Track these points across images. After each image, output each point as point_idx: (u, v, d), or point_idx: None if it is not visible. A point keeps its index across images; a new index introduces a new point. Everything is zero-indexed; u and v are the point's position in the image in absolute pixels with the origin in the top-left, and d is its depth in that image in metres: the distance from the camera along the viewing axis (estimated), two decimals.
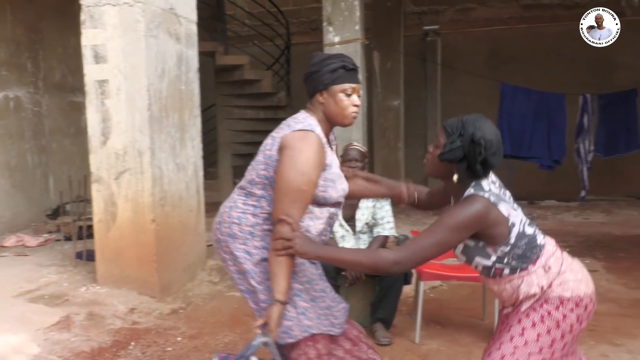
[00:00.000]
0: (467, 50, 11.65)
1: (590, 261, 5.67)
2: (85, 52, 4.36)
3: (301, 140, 2.06)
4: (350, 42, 7.14)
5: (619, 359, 3.39)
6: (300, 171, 2.03)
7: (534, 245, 1.97)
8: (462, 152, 1.91)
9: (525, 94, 9.07)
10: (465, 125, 1.93)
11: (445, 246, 1.90)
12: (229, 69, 9.38)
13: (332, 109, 2.15)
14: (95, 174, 4.44)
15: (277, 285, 1.99)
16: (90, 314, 3.96)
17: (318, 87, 2.14)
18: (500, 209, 1.90)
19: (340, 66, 2.13)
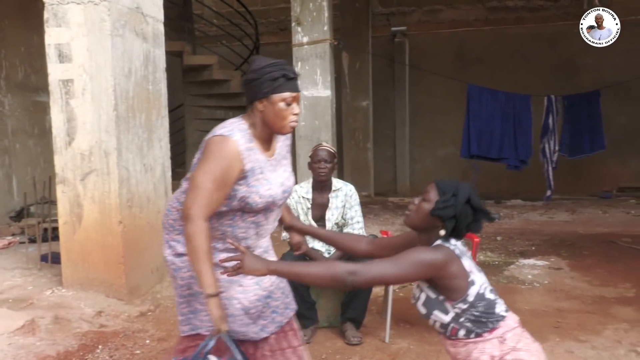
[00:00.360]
0: (434, 52, 11.79)
1: (555, 259, 5.80)
2: (49, 51, 4.28)
3: (215, 144, 2.11)
4: (319, 43, 7.16)
5: (584, 355, 3.46)
6: (204, 170, 2.07)
7: (492, 312, 1.99)
8: (454, 212, 1.97)
9: (491, 95, 9.23)
10: (460, 187, 2.01)
11: (402, 277, 1.98)
12: (197, 68, 9.31)
13: (271, 117, 2.14)
14: (60, 175, 4.36)
15: (203, 282, 2.03)
16: (56, 317, 3.88)
17: (257, 95, 2.13)
18: (462, 262, 1.98)
19: (281, 75, 2.11)
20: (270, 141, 2.27)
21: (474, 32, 11.61)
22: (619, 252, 6.09)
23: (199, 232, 2.03)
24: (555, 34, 11.13)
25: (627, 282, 4.92)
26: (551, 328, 3.90)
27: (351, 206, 3.93)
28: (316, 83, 7.19)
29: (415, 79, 11.83)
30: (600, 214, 8.76)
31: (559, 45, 11.11)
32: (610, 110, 9.87)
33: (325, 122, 7.27)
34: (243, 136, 2.14)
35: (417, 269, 1.94)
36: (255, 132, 2.19)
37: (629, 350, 3.51)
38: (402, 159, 12.18)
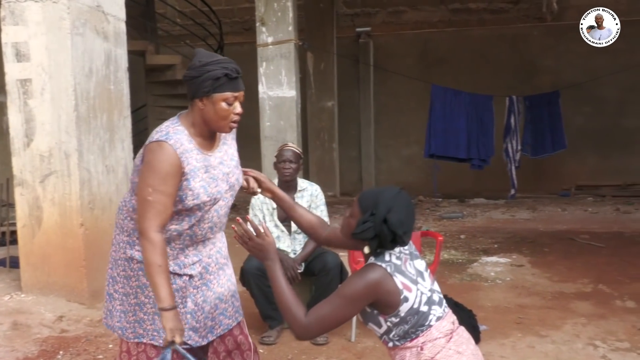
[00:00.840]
0: (399, 52, 11.91)
1: (517, 256, 5.91)
2: (5, 49, 4.18)
3: (152, 152, 2.07)
4: (284, 43, 7.16)
5: (544, 350, 3.53)
6: (147, 183, 2.04)
7: (421, 323, 1.96)
8: (373, 232, 1.93)
9: (454, 95, 9.36)
10: (379, 204, 1.93)
11: (344, 317, 1.96)
12: (160, 68, 9.22)
13: (212, 116, 2.08)
14: (18, 177, 4.26)
15: (158, 296, 2.02)
16: (14, 323, 3.79)
17: (198, 94, 2.06)
18: (395, 280, 1.93)
19: (223, 74, 2.04)
20: (212, 137, 2.21)
21: (437, 33, 11.76)
22: (578, 249, 6.25)
23: (153, 246, 2.02)
24: (516, 35, 11.37)
25: (585, 278, 5.05)
26: (513, 324, 3.98)
27: (317, 206, 3.93)
28: (281, 83, 7.18)
29: (380, 79, 11.92)
30: (560, 212, 8.97)
31: (520, 47, 11.36)
32: (569, 110, 10.13)
33: (290, 122, 7.27)
34: (179, 138, 2.09)
35: (352, 305, 1.93)
36: (195, 130, 2.13)
37: (586, 344, 3.60)
38: (367, 158, 12.26)
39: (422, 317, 1.96)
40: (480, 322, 3.79)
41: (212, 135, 2.21)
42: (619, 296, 4.53)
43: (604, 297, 4.54)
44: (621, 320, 4.00)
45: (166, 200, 2.04)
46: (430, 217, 8.71)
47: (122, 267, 2.25)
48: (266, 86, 7.24)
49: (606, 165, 11.08)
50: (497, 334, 3.77)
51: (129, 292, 2.23)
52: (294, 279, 3.71)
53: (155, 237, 2.02)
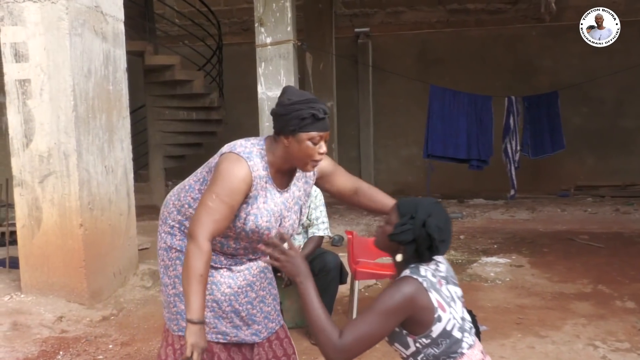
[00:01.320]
0: (397, 53, 11.91)
1: (516, 257, 5.91)
2: (4, 50, 4.18)
3: (229, 162, 2.08)
4: (283, 44, 7.16)
5: (544, 350, 3.54)
6: (213, 190, 2.04)
7: (453, 351, 1.88)
8: (411, 236, 1.89)
9: (453, 95, 9.34)
10: (419, 209, 1.91)
11: (380, 335, 1.86)
12: (159, 69, 9.20)
13: (296, 154, 2.08)
14: (17, 177, 4.25)
15: (188, 305, 1.97)
16: (14, 324, 3.79)
17: (284, 131, 2.07)
18: (430, 295, 1.85)
19: (310, 114, 2.03)
20: (287, 175, 2.22)
21: (436, 33, 11.77)
22: (577, 249, 6.25)
23: (199, 252, 1.98)
24: (514, 36, 11.37)
25: (585, 278, 5.05)
26: (513, 324, 3.98)
27: (316, 207, 3.93)
28: (280, 84, 7.17)
29: (379, 79, 11.92)
30: (559, 212, 8.98)
31: (518, 47, 11.36)
32: (567, 111, 10.13)
33: None
34: (258, 162, 2.11)
35: (391, 319, 1.83)
36: (274, 161, 2.14)
37: (586, 344, 3.60)
38: (366, 159, 12.26)
39: (455, 343, 1.88)
40: (480, 323, 3.79)
41: (289, 173, 2.22)
42: (618, 296, 4.53)
43: (603, 297, 4.54)
44: (621, 320, 4.00)
45: (226, 212, 2.04)
46: None
47: (162, 257, 2.28)
48: (265, 87, 7.23)
49: (605, 165, 11.09)
50: (497, 334, 3.77)
51: (168, 283, 2.25)
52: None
53: (204, 244, 2.00)
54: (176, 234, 2.24)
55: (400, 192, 11.59)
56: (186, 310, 1.97)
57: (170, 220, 2.26)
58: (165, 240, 2.27)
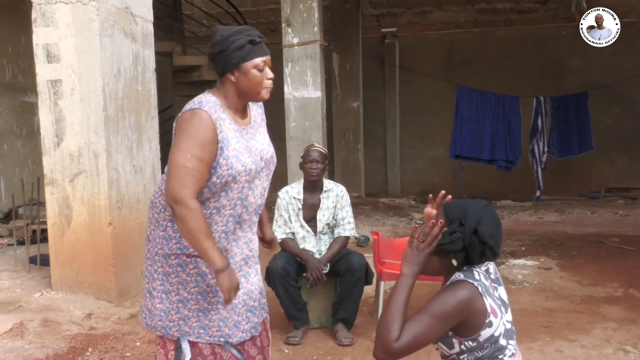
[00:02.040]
0: (424, 53, 11.82)
1: (545, 259, 5.82)
2: (36, 51, 4.25)
3: (186, 120, 2.05)
4: (309, 44, 7.16)
5: (573, 354, 3.48)
6: (183, 149, 2.00)
7: (495, 356, 1.85)
8: (462, 244, 1.83)
9: (481, 96, 9.25)
10: (468, 215, 1.84)
11: (433, 337, 1.81)
12: (186, 69, 9.28)
13: (246, 86, 2.09)
14: (48, 176, 4.33)
15: (210, 259, 1.98)
16: (45, 320, 3.85)
17: (228, 67, 2.06)
18: (485, 301, 1.82)
19: (247, 41, 2.04)
20: (244, 111, 2.21)
21: (463, 33, 11.65)
22: (607, 252, 6.13)
23: (192, 212, 1.96)
24: (543, 36, 11.20)
25: (615, 282, 4.95)
26: (541, 328, 3.92)
27: (342, 207, 3.92)
28: (307, 84, 7.18)
29: (405, 80, 11.85)
30: (589, 214, 8.83)
31: (547, 47, 11.19)
32: (597, 111, 9.95)
33: (315, 123, 7.26)
34: (213, 107, 2.08)
35: (446, 322, 1.79)
36: (228, 103, 2.13)
37: (617, 349, 3.53)
38: (392, 159, 12.19)
39: (499, 349, 1.85)
40: None
41: (244, 109, 2.21)
42: None
43: (635, 301, 4.45)
44: None
45: (203, 168, 2.01)
46: None
47: (160, 264, 2.20)
48: (292, 87, 7.24)
49: (637, 167, 10.84)
50: (524, 337, 3.72)
51: (170, 289, 2.18)
52: (319, 279, 3.70)
53: (194, 203, 1.98)
54: (171, 237, 2.16)
55: (426, 193, 11.44)
56: (212, 264, 1.99)
57: (162, 220, 2.18)
58: (161, 246, 2.18)
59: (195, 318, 2.16)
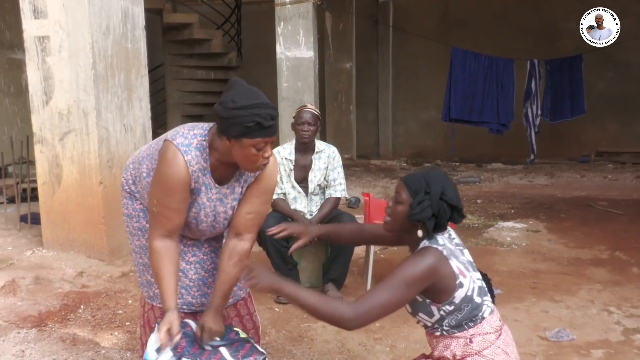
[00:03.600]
0: (419, 14, 11.66)
1: (533, 222, 5.89)
2: (23, 6, 4.16)
3: (164, 162, 2.00)
4: (302, 3, 7.05)
5: (558, 314, 3.55)
6: (153, 194, 2.05)
7: (474, 315, 1.91)
8: (431, 211, 1.87)
9: (474, 58, 9.17)
10: (430, 183, 1.89)
11: (400, 302, 1.86)
12: (177, 27, 9.14)
13: (239, 157, 1.97)
14: (38, 134, 4.29)
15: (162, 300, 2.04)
16: (37, 277, 3.87)
17: (226, 133, 1.93)
18: (451, 263, 1.87)
19: (256, 122, 1.88)
20: (231, 170, 2.10)
21: None
22: (595, 215, 6.20)
23: (154, 254, 2.04)
24: None
25: (602, 245, 5.03)
26: (528, 289, 3.99)
27: (334, 168, 3.93)
28: (299, 44, 7.09)
29: (399, 41, 11.72)
30: (578, 178, 8.90)
31: (542, 10, 11.05)
32: (591, 75, 9.90)
33: (308, 83, 7.20)
34: (198, 155, 2.01)
35: (409, 289, 1.84)
36: (217, 155, 2.03)
37: (601, 309, 3.60)
38: (384, 121, 12.15)
39: (476, 307, 1.91)
40: (495, 286, 3.81)
41: (232, 167, 2.09)
42: (635, 263, 4.51)
43: (620, 264, 4.52)
44: (637, 287, 3.99)
45: (170, 214, 2.03)
46: None
47: (127, 224, 2.28)
48: (284, 46, 7.15)
49: (628, 131, 10.87)
50: (511, 298, 3.79)
51: (137, 251, 2.26)
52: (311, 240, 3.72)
53: (156, 244, 2.04)
54: (135, 200, 2.22)
55: (419, 155, 11.54)
56: (162, 303, 2.04)
57: (127, 186, 2.24)
58: (127, 206, 2.25)
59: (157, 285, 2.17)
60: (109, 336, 3.20)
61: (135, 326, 3.31)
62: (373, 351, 3.06)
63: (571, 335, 3.21)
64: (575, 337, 3.20)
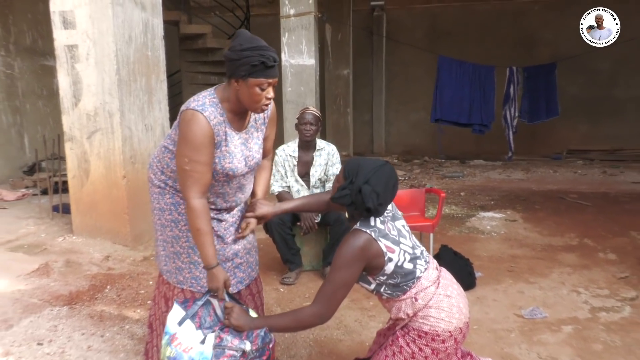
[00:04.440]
0: (409, 25, 11.64)
1: (511, 212, 5.89)
2: (53, 17, 4.16)
3: (186, 123, 1.99)
4: (305, 15, 7.02)
5: (533, 294, 3.56)
6: (180, 153, 2.00)
7: (410, 278, 1.95)
8: (350, 199, 1.90)
9: (459, 65, 9.16)
10: (359, 174, 1.90)
11: (348, 284, 1.91)
12: (192, 37, 9.11)
13: (245, 97, 2.00)
14: (68, 133, 4.30)
15: (203, 256, 2.02)
16: (67, 261, 3.89)
17: (234, 74, 1.97)
18: (380, 244, 1.90)
19: (260, 61, 1.93)
20: (243, 114, 2.12)
21: (445, 7, 11.44)
22: (566, 207, 6.21)
23: (193, 213, 1.99)
24: (517, 11, 11.03)
25: (572, 233, 5.04)
26: (506, 272, 4.00)
27: (333, 164, 3.94)
28: (302, 52, 7.07)
29: (392, 50, 11.70)
30: (551, 173, 8.89)
31: (520, 21, 11.03)
32: (564, 81, 9.89)
33: (309, 88, 7.19)
34: (214, 111, 2.02)
35: (350, 271, 1.89)
36: (228, 105, 2.05)
37: (570, 290, 3.62)
38: (378, 122, 12.15)
39: (409, 273, 1.95)
40: (476, 270, 3.83)
41: (244, 114, 2.13)
42: (602, 249, 4.52)
43: (588, 250, 4.54)
44: (603, 270, 4.01)
45: (202, 169, 1.99)
46: (434, 176, 8.68)
47: (158, 217, 2.24)
48: (288, 55, 7.14)
49: (596, 131, 10.87)
50: (491, 280, 3.80)
51: (167, 240, 2.22)
52: (311, 228, 3.74)
53: (195, 203, 1.99)
54: (165, 193, 2.19)
55: (409, 152, 11.53)
56: (204, 261, 2.03)
57: (157, 180, 2.21)
58: (158, 200, 2.22)
59: (187, 270, 2.19)
60: (132, 313, 3.22)
61: None
62: (367, 327, 3.08)
63: (544, 313, 3.23)
64: (548, 314, 3.22)
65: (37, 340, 2.80)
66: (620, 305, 3.36)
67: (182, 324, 1.96)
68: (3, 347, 2.71)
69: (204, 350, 1.88)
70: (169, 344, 1.92)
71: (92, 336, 2.88)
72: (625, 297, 3.48)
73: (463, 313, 1.98)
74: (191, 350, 1.88)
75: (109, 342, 2.83)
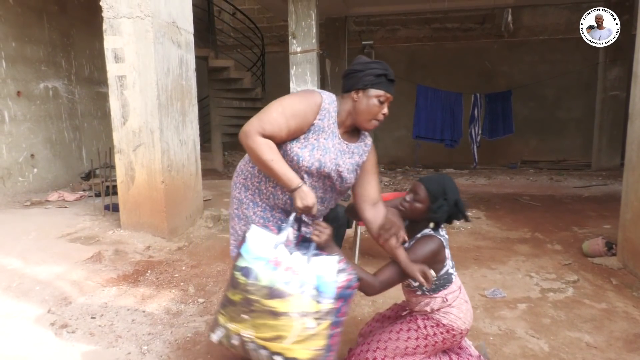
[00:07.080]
0: (393, 59, 11.64)
1: (476, 211, 5.86)
2: (107, 53, 4.16)
3: (305, 91, 1.74)
4: (309, 52, 7.03)
5: (494, 278, 3.54)
6: (282, 102, 1.68)
7: (447, 282, 1.92)
8: (447, 215, 1.85)
9: (434, 92, 9.15)
10: (447, 191, 1.82)
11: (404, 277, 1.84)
12: (218, 69, 9.12)
13: (362, 108, 1.71)
14: (117, 146, 4.29)
15: (284, 182, 1.66)
16: (116, 250, 3.88)
17: (357, 85, 1.70)
18: (446, 251, 1.88)
19: (383, 74, 1.71)
20: (351, 134, 1.81)
21: (422, 46, 11.45)
22: (521, 207, 6.18)
23: (255, 143, 1.62)
24: (481, 48, 11.03)
25: (526, 228, 5.01)
26: (472, 260, 3.98)
27: None
28: (306, 82, 7.08)
29: None
30: (509, 179, 8.86)
31: (483, 57, 11.03)
32: (518, 105, 9.88)
33: None
34: (330, 102, 1.71)
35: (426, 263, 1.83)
36: (339, 117, 1.74)
37: (524, 275, 3.60)
38: None
39: (449, 276, 1.92)
40: None
41: (352, 133, 1.82)
42: (549, 241, 4.50)
43: (538, 242, 4.51)
44: (550, 258, 3.98)
45: (283, 126, 1.64)
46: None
47: (235, 205, 1.93)
48: (295, 84, 7.14)
49: (544, 145, 10.86)
50: (459, 266, 3.78)
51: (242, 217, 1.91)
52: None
53: (258, 139, 1.62)
54: (249, 189, 1.88)
55: (393, 162, 11.50)
56: (286, 186, 1.67)
57: (239, 184, 1.93)
58: (240, 190, 1.90)
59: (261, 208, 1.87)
60: (168, 293, 3.20)
61: (187, 285, 3.31)
62: (359, 305, 3.05)
63: (503, 293, 3.21)
64: (506, 294, 3.20)
65: (91, 315, 2.78)
66: (564, 287, 3.33)
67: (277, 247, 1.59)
68: (63, 320, 2.69)
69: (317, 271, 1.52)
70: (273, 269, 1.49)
71: (135, 311, 2.86)
72: (569, 280, 3.46)
73: (471, 319, 1.96)
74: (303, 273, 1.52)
75: (149, 317, 2.80)
